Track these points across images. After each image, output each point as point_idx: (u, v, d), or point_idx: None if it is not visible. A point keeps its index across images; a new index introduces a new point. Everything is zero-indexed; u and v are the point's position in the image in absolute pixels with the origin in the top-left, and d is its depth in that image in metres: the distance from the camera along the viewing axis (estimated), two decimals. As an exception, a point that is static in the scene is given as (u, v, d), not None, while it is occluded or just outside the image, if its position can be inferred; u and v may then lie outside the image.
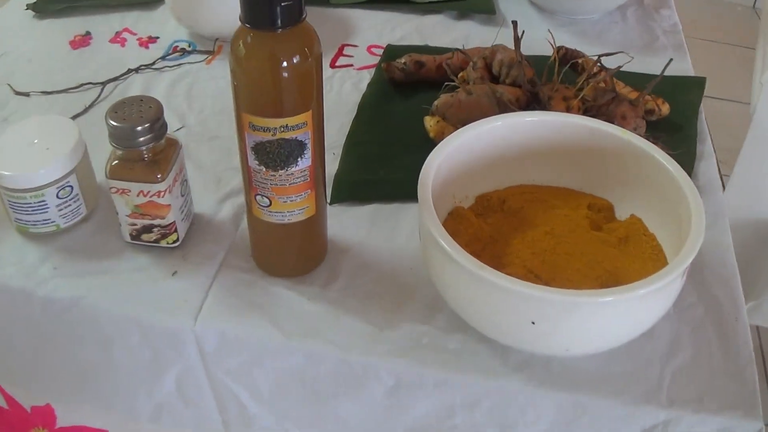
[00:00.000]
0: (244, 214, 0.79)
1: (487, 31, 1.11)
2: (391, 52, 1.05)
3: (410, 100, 0.96)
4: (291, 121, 0.63)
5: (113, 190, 0.73)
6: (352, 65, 1.05)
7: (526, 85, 0.86)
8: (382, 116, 0.94)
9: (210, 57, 1.05)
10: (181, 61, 1.04)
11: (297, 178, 0.67)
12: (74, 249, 0.77)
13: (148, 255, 0.76)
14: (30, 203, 0.75)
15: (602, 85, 0.84)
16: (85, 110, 0.95)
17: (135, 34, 1.11)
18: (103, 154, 0.73)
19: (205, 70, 1.03)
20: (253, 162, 0.66)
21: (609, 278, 0.67)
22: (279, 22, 0.60)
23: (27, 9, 1.17)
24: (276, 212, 0.69)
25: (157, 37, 1.10)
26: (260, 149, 0.65)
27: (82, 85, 0.99)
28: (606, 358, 0.66)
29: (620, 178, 0.75)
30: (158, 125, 0.71)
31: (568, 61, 0.96)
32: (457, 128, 0.80)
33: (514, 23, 0.87)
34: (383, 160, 0.87)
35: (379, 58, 1.05)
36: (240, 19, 0.62)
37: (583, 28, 1.14)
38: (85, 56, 1.07)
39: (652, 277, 0.59)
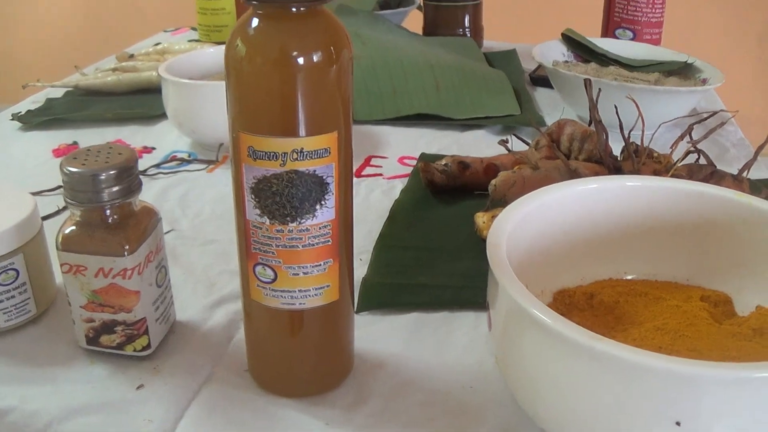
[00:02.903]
0: (241, 322, 0.60)
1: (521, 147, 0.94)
2: (427, 159, 0.87)
3: (452, 207, 0.78)
4: (308, 144, 0.44)
5: (65, 268, 0.53)
6: (381, 174, 0.87)
7: (606, 157, 0.67)
8: (420, 221, 0.75)
9: (213, 166, 0.87)
10: (178, 169, 0.87)
11: (315, 237, 0.47)
12: (13, 353, 0.58)
13: (108, 364, 0.56)
14: (-44, 287, 0.56)
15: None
16: (57, 212, 0.78)
17: (129, 145, 0.95)
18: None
19: (205, 177, 0.86)
20: (252, 212, 0.46)
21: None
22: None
23: (12, 119, 1.02)
24: (283, 291, 0.48)
25: (154, 148, 0.95)
26: (263, 189, 0.45)
27: (58, 187, 0.82)
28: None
29: (737, 259, 0.56)
30: (129, 176, 0.52)
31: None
32: None
33: (587, 81, 0.69)
34: (423, 265, 0.68)
35: (412, 168, 0.87)
36: (243, 1, 0.44)
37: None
38: (66, 164, 0.90)
39: None
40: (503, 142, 0.70)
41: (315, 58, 0.44)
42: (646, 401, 0.39)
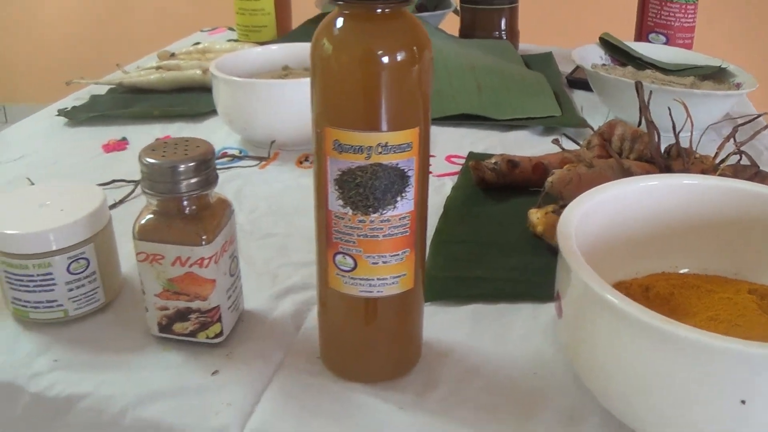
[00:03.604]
0: (308, 312, 0.62)
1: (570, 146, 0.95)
2: (475, 158, 0.89)
3: (502, 204, 0.80)
4: (392, 138, 0.46)
5: (141, 257, 0.54)
6: (431, 172, 0.88)
7: (658, 156, 0.69)
8: (472, 216, 0.77)
9: (264, 162, 0.89)
10: (230, 165, 0.88)
11: (395, 227, 0.48)
12: (84, 340, 0.59)
13: (179, 351, 0.57)
14: (32, 276, 0.58)
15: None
16: (113, 206, 0.79)
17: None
18: (128, 253, 0.59)
19: (257, 174, 0.87)
20: (335, 203, 0.48)
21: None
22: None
23: (58, 115, 1.03)
24: (362, 279, 0.50)
25: (203, 144, 0.95)
26: (348, 181, 0.47)
27: (113, 181, 0.83)
28: None
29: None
30: (207, 168, 0.54)
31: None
32: None
33: (638, 84, 0.70)
34: (478, 259, 0.70)
35: (460, 167, 0.88)
36: (329, 0, 0.45)
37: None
38: (119, 159, 0.94)
39: None
40: (556, 141, 0.72)
41: (399, 57, 0.45)
42: (713, 381, 0.41)
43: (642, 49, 1.15)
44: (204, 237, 0.53)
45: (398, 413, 0.52)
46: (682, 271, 0.62)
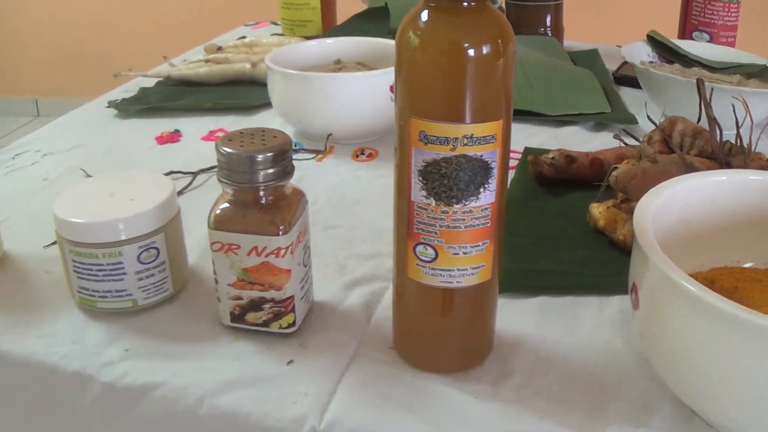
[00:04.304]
0: (377, 303, 0.62)
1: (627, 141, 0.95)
2: (532, 153, 0.89)
3: (560, 198, 0.80)
4: (478, 130, 0.46)
5: (216, 246, 0.55)
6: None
7: (720, 152, 0.69)
8: (532, 210, 0.77)
9: (321, 155, 0.89)
10: (286, 157, 0.89)
11: (476, 218, 0.48)
12: (154, 330, 0.60)
13: (252, 341, 0.58)
14: (101, 265, 0.58)
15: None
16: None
17: (231, 134, 0.96)
18: (191, 244, 0.62)
19: (315, 167, 0.88)
20: (418, 194, 0.48)
21: None
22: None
23: (108, 107, 1.04)
24: (442, 270, 0.50)
25: (257, 136, 0.95)
26: (432, 172, 0.47)
27: (171, 172, 0.84)
28: None
29: None
30: (284, 159, 0.54)
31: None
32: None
33: (700, 81, 0.70)
34: (542, 253, 0.70)
35: (516, 162, 0.89)
36: (416, -7, 0.46)
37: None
38: (173, 151, 0.94)
39: None
40: (617, 137, 0.72)
41: (485, 50, 0.45)
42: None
43: (688, 46, 1.15)
44: (281, 227, 0.54)
45: (474, 403, 0.52)
46: (746, 266, 0.62)
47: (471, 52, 0.45)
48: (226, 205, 0.55)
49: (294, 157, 0.84)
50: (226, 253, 0.55)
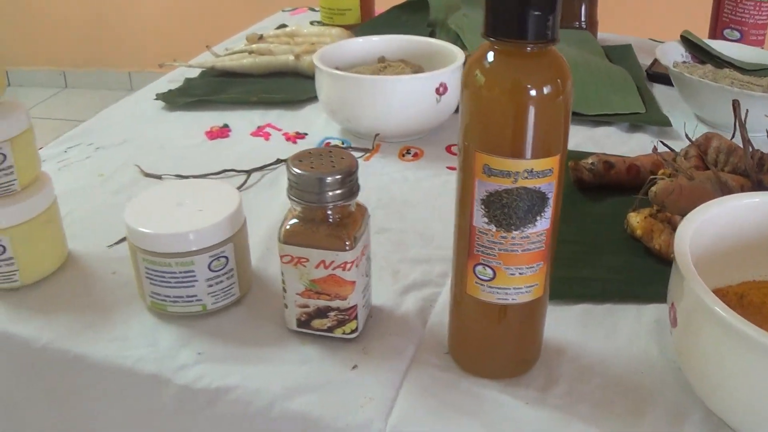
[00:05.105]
0: (431, 309, 0.67)
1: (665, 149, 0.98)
2: (571, 156, 0.93)
3: (599, 204, 0.84)
4: (537, 165, 0.50)
5: (286, 259, 0.59)
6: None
7: (753, 171, 0.73)
8: (572, 216, 0.81)
9: (368, 154, 0.93)
10: (335, 156, 0.93)
11: (532, 243, 0.53)
12: (223, 334, 0.64)
13: (317, 346, 0.62)
14: (174, 273, 0.63)
15: None
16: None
17: (279, 130, 1.02)
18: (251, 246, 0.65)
19: (363, 166, 0.91)
20: (480, 220, 0.52)
21: None
22: (530, 34, 0.49)
23: (156, 99, 1.08)
24: (499, 288, 0.54)
25: (306, 134, 1.00)
26: (494, 201, 0.51)
27: (224, 171, 0.88)
28: None
29: None
30: (351, 180, 0.58)
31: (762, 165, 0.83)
32: (673, 219, 0.73)
33: (736, 102, 0.74)
34: (582, 259, 0.74)
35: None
36: (482, 34, 0.50)
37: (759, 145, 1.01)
38: (223, 146, 0.98)
39: None
40: (654, 150, 0.76)
41: (545, 91, 0.49)
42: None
43: (720, 47, 1.18)
44: (348, 243, 0.58)
45: (525, 408, 0.56)
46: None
47: (533, 92, 0.49)
48: (296, 220, 0.59)
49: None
50: (295, 266, 0.59)
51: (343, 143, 0.96)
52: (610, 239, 0.77)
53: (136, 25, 3.71)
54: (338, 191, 0.57)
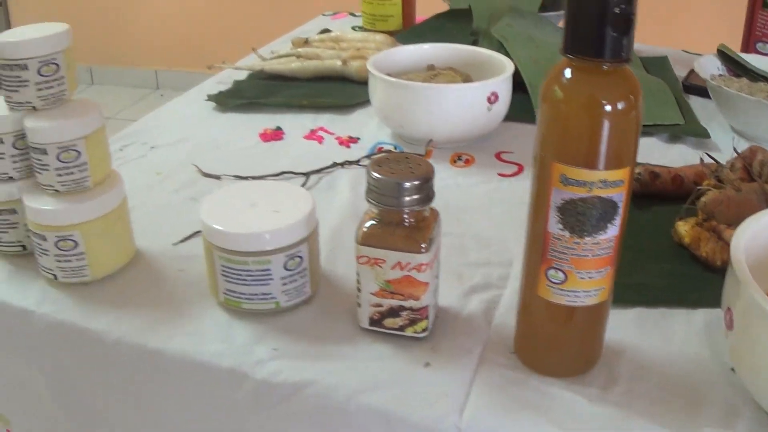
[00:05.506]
0: (495, 310, 0.70)
1: (699, 155, 1.01)
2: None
3: (645, 213, 0.87)
4: (610, 176, 0.54)
5: (362, 260, 0.62)
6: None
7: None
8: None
9: (422, 159, 0.96)
10: (388, 160, 0.96)
11: (602, 248, 0.56)
12: (296, 331, 0.67)
13: (388, 344, 0.65)
14: (250, 271, 0.66)
15: None
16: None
17: (332, 133, 1.05)
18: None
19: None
20: (555, 226, 0.56)
21: None
22: (607, 53, 0.52)
23: (208, 100, 1.11)
24: (569, 291, 0.57)
25: (358, 138, 1.03)
26: (569, 209, 0.54)
27: (282, 173, 0.92)
28: None
29: None
30: (428, 186, 0.61)
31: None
32: (721, 229, 0.76)
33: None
34: (633, 266, 0.77)
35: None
36: (560, 52, 0.54)
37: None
38: (278, 149, 1.01)
39: None
40: (701, 162, 0.80)
41: (620, 106, 0.53)
42: None
43: (755, 61, 1.21)
44: (423, 245, 0.61)
45: (588, 405, 0.60)
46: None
47: (608, 107, 0.53)
48: (373, 222, 0.62)
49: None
50: (371, 266, 0.63)
51: (395, 148, 0.99)
52: (657, 246, 0.81)
53: (162, 23, 3.75)
54: (416, 196, 0.61)
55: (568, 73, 0.54)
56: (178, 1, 3.70)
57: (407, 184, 0.60)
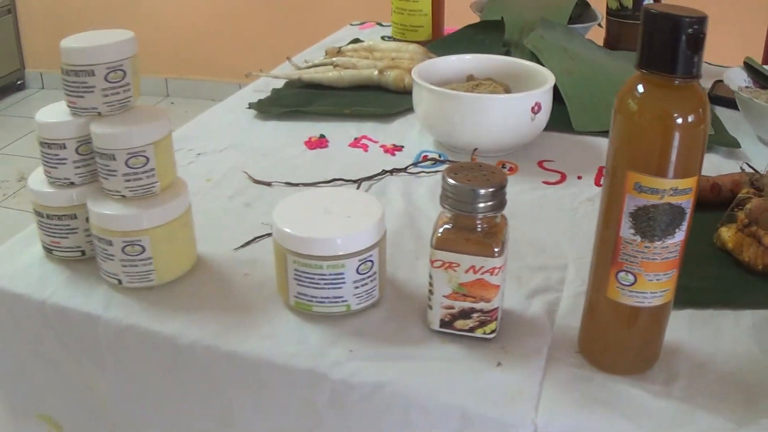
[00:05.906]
0: (555, 312, 0.73)
1: (731, 165, 1.05)
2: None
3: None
4: (681, 184, 0.57)
5: (437, 263, 0.66)
6: (600, 184, 0.99)
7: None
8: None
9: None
10: (432, 169, 1.00)
11: (670, 252, 0.60)
12: (368, 333, 0.70)
13: (458, 345, 0.69)
14: (324, 275, 0.69)
15: None
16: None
17: (376, 142, 1.08)
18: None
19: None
20: (627, 231, 0.59)
21: None
22: (679, 69, 0.56)
23: (249, 108, 1.15)
24: (638, 293, 0.61)
25: (402, 146, 1.07)
26: (641, 215, 0.58)
27: (333, 180, 0.95)
28: None
29: None
30: (502, 193, 0.65)
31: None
32: (761, 234, 0.78)
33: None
34: (680, 269, 0.80)
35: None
36: (635, 66, 0.58)
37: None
38: (324, 156, 1.04)
39: None
40: (742, 170, 0.83)
41: (690, 119, 0.57)
42: None
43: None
44: (497, 250, 0.65)
45: (654, 400, 0.63)
46: None
47: (679, 120, 0.56)
48: (447, 227, 0.66)
49: (440, 168, 0.96)
50: (445, 270, 0.66)
51: (440, 156, 1.03)
52: (700, 251, 0.84)
53: (172, 32, 3.77)
54: (490, 203, 0.64)
55: (641, 87, 0.58)
56: (187, 10, 3.73)
57: (483, 191, 0.64)
